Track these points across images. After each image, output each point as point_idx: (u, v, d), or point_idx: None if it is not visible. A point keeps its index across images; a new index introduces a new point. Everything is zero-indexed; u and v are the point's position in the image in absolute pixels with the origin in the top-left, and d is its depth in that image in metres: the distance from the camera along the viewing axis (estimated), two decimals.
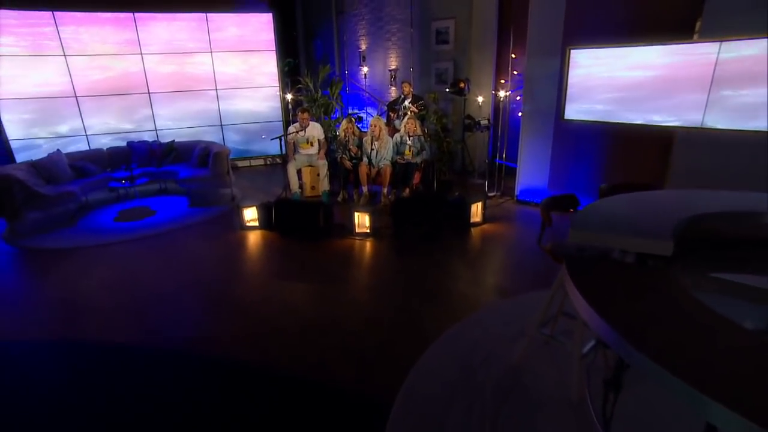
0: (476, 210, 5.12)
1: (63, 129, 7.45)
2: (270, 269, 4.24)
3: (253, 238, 4.98)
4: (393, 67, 8.81)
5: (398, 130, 6.35)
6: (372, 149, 5.92)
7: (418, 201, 4.97)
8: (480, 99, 6.87)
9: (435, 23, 7.54)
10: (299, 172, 6.31)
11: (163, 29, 7.62)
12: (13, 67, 6.95)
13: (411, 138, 6.13)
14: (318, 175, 6.32)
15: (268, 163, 9.02)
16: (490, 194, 6.31)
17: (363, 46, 9.26)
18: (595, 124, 5.13)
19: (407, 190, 6.13)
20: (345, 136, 6.13)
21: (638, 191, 2.50)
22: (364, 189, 6.01)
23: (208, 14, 7.75)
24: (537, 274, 3.97)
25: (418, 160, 6.14)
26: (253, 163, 8.88)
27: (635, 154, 4.98)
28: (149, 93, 7.81)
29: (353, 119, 6.24)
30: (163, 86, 7.87)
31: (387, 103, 7.62)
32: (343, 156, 6.16)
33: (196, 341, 3.11)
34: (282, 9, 8.71)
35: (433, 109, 6.66)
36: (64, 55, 7.21)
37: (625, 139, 5.02)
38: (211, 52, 7.97)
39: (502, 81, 7.37)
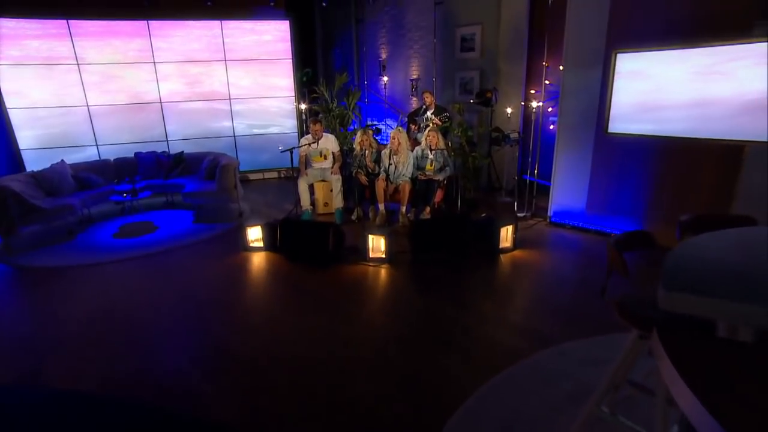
0: (506, 234, 4.53)
1: (74, 139, 7.23)
2: (270, 303, 3.74)
3: (257, 262, 4.51)
4: (414, 76, 8.35)
5: (419, 143, 5.84)
6: (390, 163, 5.41)
7: (440, 222, 4.42)
8: (509, 110, 6.31)
9: (460, 30, 7.05)
10: (311, 187, 5.86)
11: (178, 38, 7.36)
12: (26, 77, 6.79)
13: (433, 152, 5.61)
14: (331, 191, 5.84)
15: (282, 176, 8.64)
16: (520, 215, 5.71)
17: (383, 55, 8.84)
18: (644, 138, 4.50)
19: (428, 210, 5.58)
20: (361, 148, 5.65)
21: (736, 226, 1.88)
22: (381, 207, 5.49)
23: (223, 22, 7.47)
24: (583, 315, 3.35)
25: (441, 176, 5.60)
26: (267, 175, 8.51)
27: (693, 172, 4.32)
28: (161, 102, 7.54)
29: (370, 131, 5.76)
30: (176, 96, 7.60)
31: (407, 114, 7.13)
32: (359, 170, 5.67)
33: (175, 394, 2.62)
34: (300, 17, 8.39)
35: (457, 120, 6.13)
36: (77, 64, 7.02)
37: (680, 155, 4.36)
38: (225, 60, 7.68)
39: (533, 91, 6.80)
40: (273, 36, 7.80)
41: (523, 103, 6.61)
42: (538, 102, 5.64)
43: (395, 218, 5.54)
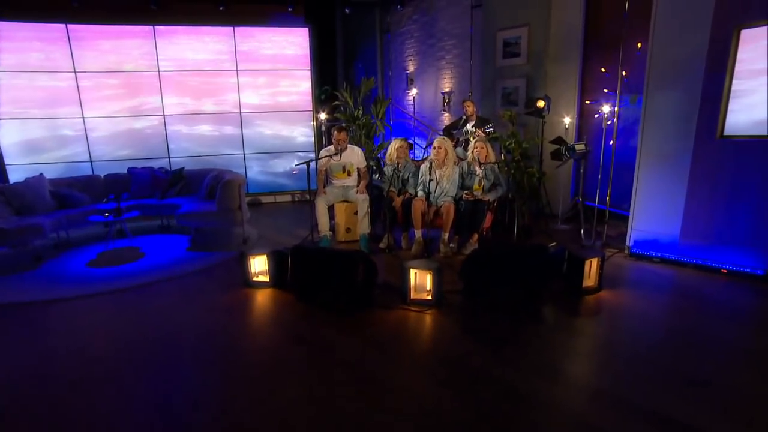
0: (590, 269, 3.41)
1: (66, 153, 6.43)
2: (273, 368, 2.63)
3: (260, 302, 3.44)
4: (447, 89, 7.48)
5: (461, 160, 4.85)
6: (432, 179, 4.37)
7: (503, 255, 3.31)
8: (566, 120, 5.31)
9: (502, 33, 6.18)
10: (331, 209, 4.85)
11: (185, 46, 6.64)
12: (17, 85, 6.08)
13: (482, 167, 4.58)
14: (355, 213, 4.82)
15: (296, 199, 7.68)
16: (585, 245, 4.59)
17: (411, 68, 8.03)
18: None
19: (475, 238, 4.51)
20: (395, 160, 4.63)
21: None
22: (418, 234, 4.44)
23: (236, 28, 6.75)
24: (729, 389, 2.19)
25: (492, 197, 4.55)
26: (279, 199, 7.56)
27: None
28: (164, 115, 6.74)
29: (407, 140, 4.78)
30: (181, 107, 6.80)
31: (444, 128, 6.18)
32: (391, 189, 4.66)
33: None
34: (320, 28, 7.68)
35: (509, 130, 5.12)
36: (74, 72, 6.30)
37: None
38: (237, 70, 6.90)
39: (588, 101, 5.81)
40: (290, 44, 7.04)
41: (578, 116, 5.62)
42: (609, 106, 4.61)
43: (434, 248, 4.47)
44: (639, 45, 5.03)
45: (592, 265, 3.40)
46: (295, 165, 5.21)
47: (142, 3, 6.41)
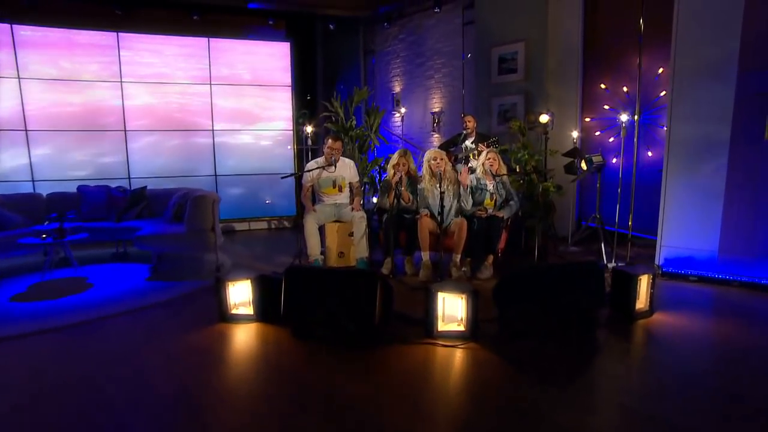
0: (642, 290, 2.88)
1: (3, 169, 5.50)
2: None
3: (242, 341, 2.68)
4: (436, 109, 7.13)
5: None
6: (443, 191, 3.80)
7: (547, 274, 2.73)
8: (575, 134, 4.97)
9: (497, 49, 5.93)
10: (320, 230, 4.19)
11: (154, 55, 6.00)
12: None
13: (496, 180, 4.09)
14: (350, 234, 4.18)
15: (274, 227, 6.95)
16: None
17: (397, 88, 7.68)
18: None
19: (490, 259, 3.95)
20: (395, 173, 4.07)
21: None
22: (425, 256, 3.82)
23: (211, 39, 6.19)
24: None
25: (506, 213, 4.04)
26: (255, 225, 6.81)
27: None
28: (125, 131, 5.97)
29: (409, 152, 4.25)
30: (145, 123, 6.06)
31: (440, 145, 5.72)
32: (395, 194, 4.03)
33: None
34: (301, 42, 7.26)
35: (520, 143, 4.70)
36: (18, 78, 5.50)
37: None
38: (211, 84, 6.29)
39: (588, 119, 5.55)
40: (270, 59, 6.54)
41: (580, 134, 5.30)
42: (627, 115, 4.28)
43: (444, 272, 3.85)
44: (660, 71, 4.83)
45: (642, 284, 2.88)
46: (282, 177, 4.55)
47: (105, 6, 5.79)
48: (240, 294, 2.91)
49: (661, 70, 4.91)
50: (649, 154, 5.08)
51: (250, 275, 2.89)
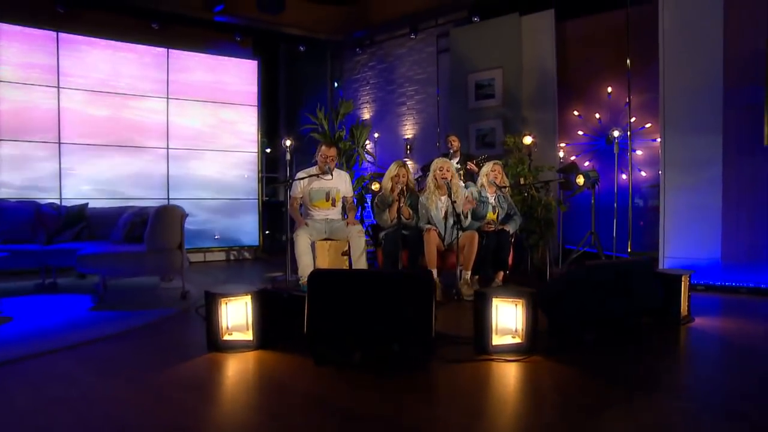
0: (683, 293, 2.70)
1: None
2: None
3: (248, 371, 2.04)
4: (409, 135, 7.00)
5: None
6: (454, 201, 3.46)
7: (603, 274, 2.42)
8: (561, 153, 4.99)
9: (474, 76, 5.99)
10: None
11: (101, 62, 5.30)
12: None
13: (499, 192, 3.87)
14: (344, 253, 3.69)
15: (233, 258, 6.20)
16: None
17: (366, 115, 7.49)
18: None
19: (500, 276, 3.64)
20: (395, 186, 3.70)
21: None
22: (434, 273, 3.41)
23: (170, 50, 5.64)
24: None
25: (511, 228, 3.80)
26: (211, 257, 6.02)
27: None
28: (60, 143, 5.09)
29: (407, 164, 3.92)
30: (86, 135, 5.23)
31: (422, 167, 5.50)
32: (400, 205, 3.62)
33: None
34: (267, 63, 6.92)
35: (516, 158, 4.58)
36: None
37: None
38: (168, 98, 5.66)
39: (563, 144, 5.67)
40: (235, 76, 6.08)
41: (562, 160, 5.36)
42: (619, 132, 4.34)
43: (455, 291, 3.46)
44: (609, 89, 5.10)
45: (684, 286, 2.70)
46: (270, 185, 4.01)
47: (44, 1, 5.08)
48: (235, 314, 2.29)
49: (629, 99, 5.18)
50: (624, 177, 5.22)
51: (248, 289, 2.29)
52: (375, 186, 5.12)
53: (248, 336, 2.27)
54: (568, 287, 2.28)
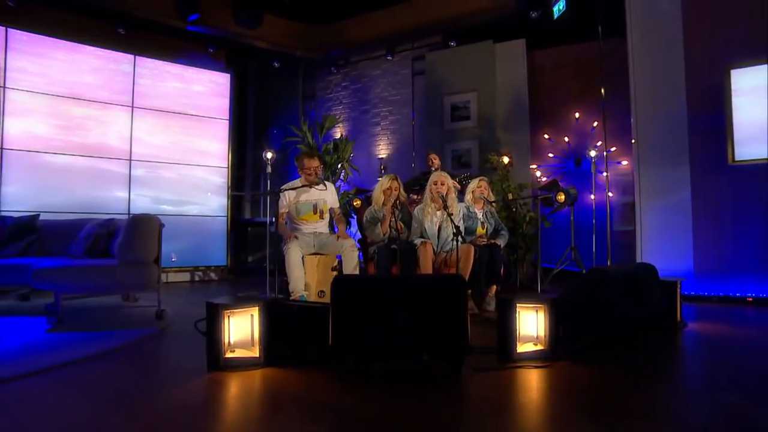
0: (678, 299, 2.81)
1: None
2: None
3: (260, 395, 1.82)
4: (383, 155, 7.00)
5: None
6: (451, 213, 3.42)
7: (616, 280, 2.45)
8: (538, 173, 5.17)
9: (449, 98, 6.16)
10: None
11: (60, 63, 4.89)
12: None
13: (486, 208, 3.91)
14: (334, 268, 3.52)
15: (199, 279, 5.78)
16: None
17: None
18: None
19: (494, 289, 3.63)
20: (385, 200, 3.62)
21: None
22: None
23: (137, 57, 5.33)
24: None
25: (501, 243, 3.82)
26: (174, 277, 5.59)
27: None
28: (2, 149, 4.58)
29: (398, 178, 3.86)
30: (35, 141, 4.75)
31: (405, 184, 5.47)
32: (394, 218, 3.54)
33: None
34: (240, 76, 6.73)
35: (500, 175, 4.67)
36: None
37: None
38: (133, 107, 5.31)
39: (534, 166, 5.90)
40: (206, 88, 5.84)
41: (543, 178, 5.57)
42: (596, 152, 4.57)
43: None
44: (595, 124, 5.42)
45: (678, 293, 2.80)
46: (249, 196, 3.78)
47: None
48: (240, 328, 2.06)
49: (596, 124, 5.52)
50: (592, 197, 5.49)
51: (256, 302, 2.09)
52: (356, 202, 5.03)
53: (254, 353, 2.05)
54: (587, 293, 2.28)
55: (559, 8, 4.88)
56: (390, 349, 1.81)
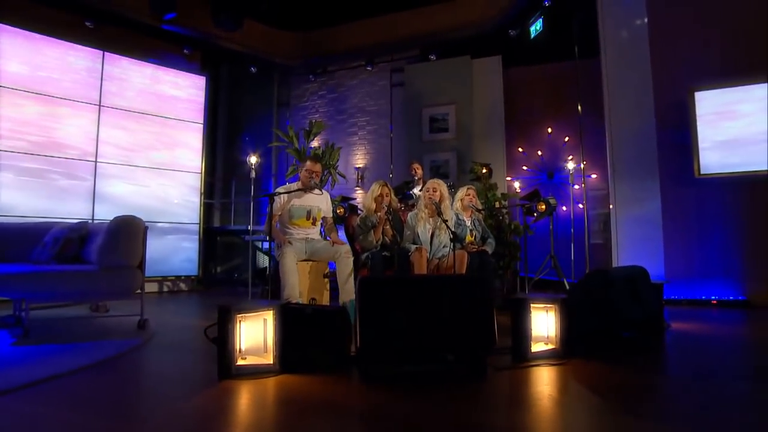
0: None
1: None
2: None
3: (284, 403, 1.71)
4: (360, 165, 6.98)
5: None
6: (446, 219, 3.44)
7: (619, 280, 2.54)
8: (516, 184, 5.33)
9: (428, 110, 6.27)
10: None
11: (19, 54, 4.53)
12: None
13: (474, 216, 3.98)
14: (326, 275, 3.44)
15: (167, 289, 5.44)
16: None
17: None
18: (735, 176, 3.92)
19: None
20: (377, 206, 3.60)
21: None
22: None
23: (106, 53, 5.03)
24: None
25: (489, 250, 3.89)
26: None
27: None
28: None
29: (388, 185, 3.85)
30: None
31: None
32: (386, 225, 3.52)
33: None
34: (213, 80, 6.52)
35: (483, 184, 4.77)
36: None
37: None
38: (100, 105, 4.99)
39: (508, 178, 6.11)
40: (179, 90, 5.61)
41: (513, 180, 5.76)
42: (573, 162, 4.79)
43: None
44: (567, 139, 5.70)
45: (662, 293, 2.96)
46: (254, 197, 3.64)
47: None
48: (252, 334, 1.95)
49: (567, 139, 5.81)
50: (564, 209, 5.75)
51: (270, 306, 1.98)
52: (339, 210, 4.96)
53: (267, 359, 1.94)
54: (592, 295, 2.35)
55: (536, 28, 5.14)
56: (417, 351, 1.77)
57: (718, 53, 4.00)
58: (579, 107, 5.03)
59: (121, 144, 5.12)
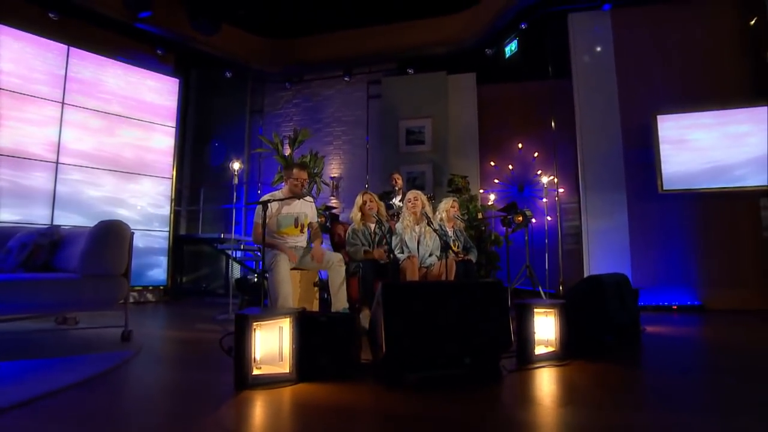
0: None
1: None
2: None
3: (311, 412, 1.67)
4: (335, 174, 6.96)
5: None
6: (414, 234, 3.52)
7: (600, 289, 2.70)
8: (492, 197, 5.53)
9: (405, 122, 6.39)
10: None
11: None
12: None
13: (456, 226, 4.09)
14: (316, 284, 3.40)
15: (134, 300, 5.12)
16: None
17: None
18: (700, 193, 4.30)
19: None
20: (365, 214, 3.63)
21: None
22: None
23: (71, 48, 4.75)
24: None
25: (473, 257, 4.01)
26: None
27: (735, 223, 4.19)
28: None
29: (375, 196, 3.88)
30: None
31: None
32: (368, 249, 3.56)
33: None
34: (186, 82, 6.30)
35: (464, 197, 4.90)
36: None
37: (720, 207, 4.26)
38: (63, 102, 4.69)
39: (482, 190, 6.33)
40: (151, 92, 5.37)
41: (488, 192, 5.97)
42: (546, 176, 5.04)
43: None
44: (536, 154, 5.99)
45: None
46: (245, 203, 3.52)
47: None
48: (268, 343, 1.89)
49: (536, 154, 6.12)
50: (533, 221, 6.02)
51: (286, 313, 1.94)
52: (320, 219, 4.92)
53: (284, 368, 1.89)
54: (587, 301, 2.49)
55: (510, 49, 5.41)
56: (439, 356, 1.80)
57: (679, 82, 4.41)
58: (553, 124, 5.32)
59: (85, 146, 4.81)
